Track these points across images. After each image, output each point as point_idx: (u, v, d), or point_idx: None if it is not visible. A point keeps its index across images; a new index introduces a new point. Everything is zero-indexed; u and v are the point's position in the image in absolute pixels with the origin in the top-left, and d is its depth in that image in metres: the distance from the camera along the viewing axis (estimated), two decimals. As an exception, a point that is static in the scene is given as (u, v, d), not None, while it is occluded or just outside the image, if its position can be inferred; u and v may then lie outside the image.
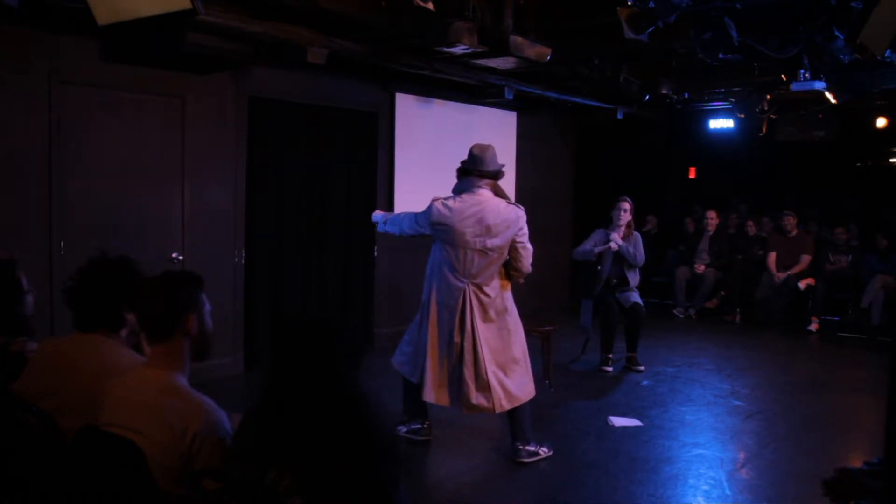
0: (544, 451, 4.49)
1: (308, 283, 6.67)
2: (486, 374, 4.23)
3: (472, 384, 4.25)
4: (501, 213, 4.21)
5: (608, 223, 6.64)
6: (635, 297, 6.63)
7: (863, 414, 5.59)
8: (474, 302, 4.26)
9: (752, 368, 6.83)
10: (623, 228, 6.55)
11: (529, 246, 4.33)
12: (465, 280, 4.26)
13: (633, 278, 6.65)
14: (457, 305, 4.26)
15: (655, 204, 10.78)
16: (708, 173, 11.20)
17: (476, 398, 4.26)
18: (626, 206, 6.55)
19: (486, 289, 4.27)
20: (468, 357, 4.25)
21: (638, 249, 6.58)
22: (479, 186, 4.25)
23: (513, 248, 4.26)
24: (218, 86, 5.82)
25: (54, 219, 4.95)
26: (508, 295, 4.40)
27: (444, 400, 4.35)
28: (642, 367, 6.62)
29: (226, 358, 5.92)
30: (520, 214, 4.27)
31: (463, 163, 4.35)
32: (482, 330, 4.27)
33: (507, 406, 4.28)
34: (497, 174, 4.31)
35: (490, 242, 4.19)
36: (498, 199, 4.27)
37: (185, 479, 1.96)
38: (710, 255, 9.37)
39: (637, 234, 6.66)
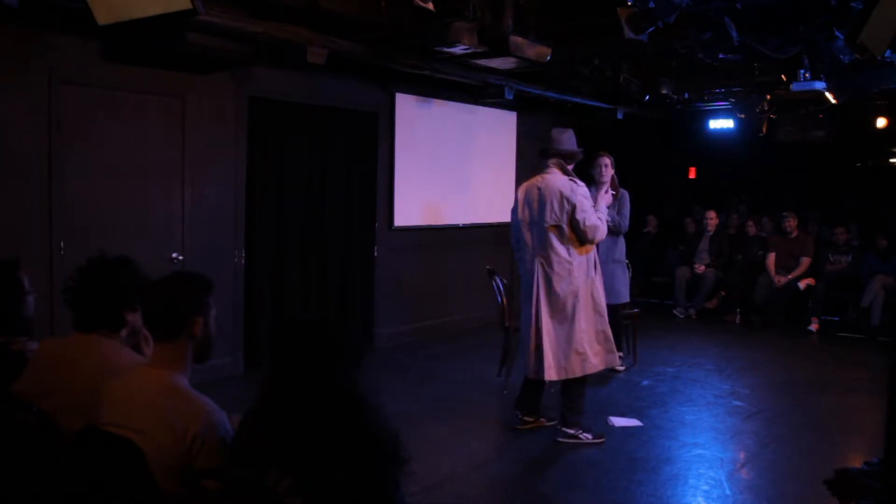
0: (586, 437, 4.71)
1: (308, 283, 6.66)
2: (541, 342, 4.61)
3: (534, 353, 4.66)
4: (557, 188, 4.55)
5: (589, 182, 5.93)
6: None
7: (863, 414, 5.58)
8: (541, 275, 4.61)
9: (752, 368, 6.83)
10: (608, 186, 5.84)
11: (590, 220, 4.54)
12: (533, 254, 4.64)
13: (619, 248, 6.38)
14: (532, 280, 4.64)
15: (655, 204, 10.77)
16: (708, 173, 11.19)
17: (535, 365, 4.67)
18: (607, 160, 5.93)
19: (552, 262, 4.57)
20: (534, 329, 4.63)
21: (623, 214, 6.21)
22: (548, 165, 4.67)
23: (572, 219, 4.54)
24: (218, 86, 5.82)
25: (54, 219, 4.94)
26: (576, 269, 4.59)
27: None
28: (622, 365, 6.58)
29: (226, 358, 5.92)
30: (574, 189, 4.55)
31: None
32: (544, 302, 4.60)
33: (541, 375, 4.64)
34: (565, 154, 4.65)
35: (547, 216, 4.55)
36: (560, 176, 4.61)
37: (185, 480, 1.96)
38: (711, 255, 9.37)
39: (625, 192, 6.25)
